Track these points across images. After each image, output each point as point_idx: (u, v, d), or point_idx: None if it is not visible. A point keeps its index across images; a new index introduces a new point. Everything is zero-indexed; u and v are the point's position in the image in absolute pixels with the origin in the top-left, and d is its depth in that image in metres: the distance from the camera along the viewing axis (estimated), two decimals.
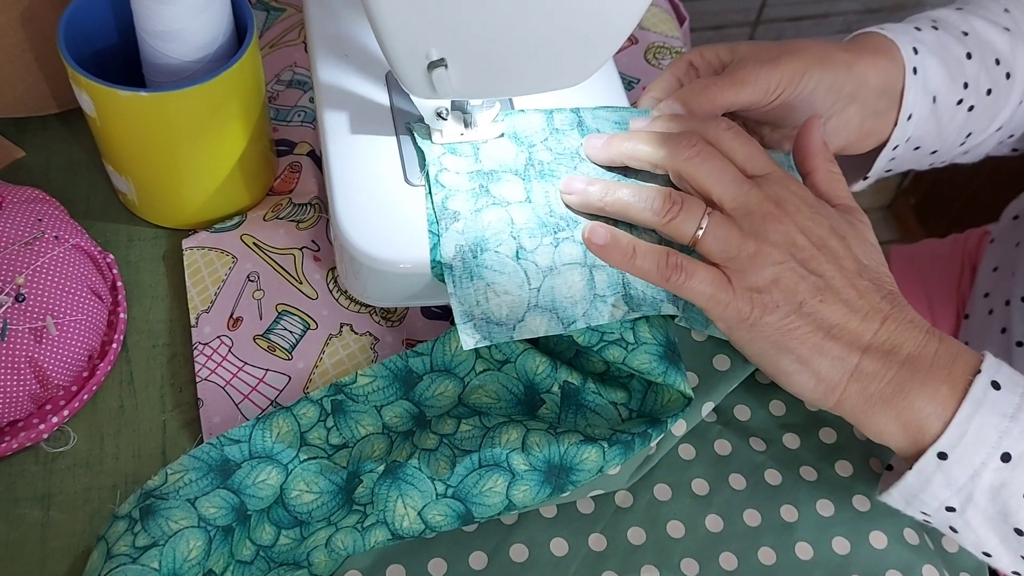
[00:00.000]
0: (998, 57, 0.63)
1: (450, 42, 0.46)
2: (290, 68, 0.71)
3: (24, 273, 0.51)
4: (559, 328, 0.48)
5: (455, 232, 0.49)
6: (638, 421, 0.51)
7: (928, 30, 0.63)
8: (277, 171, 0.64)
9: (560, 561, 0.50)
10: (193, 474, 0.48)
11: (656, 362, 0.49)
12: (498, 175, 0.52)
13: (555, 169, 0.53)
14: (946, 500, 0.46)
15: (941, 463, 0.45)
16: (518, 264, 0.49)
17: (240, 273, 0.58)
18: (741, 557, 0.51)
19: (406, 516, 0.48)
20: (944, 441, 0.45)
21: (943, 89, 0.62)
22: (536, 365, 0.51)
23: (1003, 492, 0.45)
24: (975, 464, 0.45)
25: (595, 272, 0.49)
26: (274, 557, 0.49)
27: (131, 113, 0.52)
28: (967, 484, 0.45)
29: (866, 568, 0.51)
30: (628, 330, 0.49)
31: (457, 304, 0.48)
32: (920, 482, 0.47)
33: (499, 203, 0.51)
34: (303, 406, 0.51)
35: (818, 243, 0.48)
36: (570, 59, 0.49)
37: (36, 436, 0.51)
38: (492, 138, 0.54)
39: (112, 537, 0.47)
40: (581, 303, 0.48)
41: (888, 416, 0.46)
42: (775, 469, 0.54)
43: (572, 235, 0.50)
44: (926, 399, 0.46)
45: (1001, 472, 0.45)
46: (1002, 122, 0.66)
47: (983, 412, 0.45)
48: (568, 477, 0.48)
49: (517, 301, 0.48)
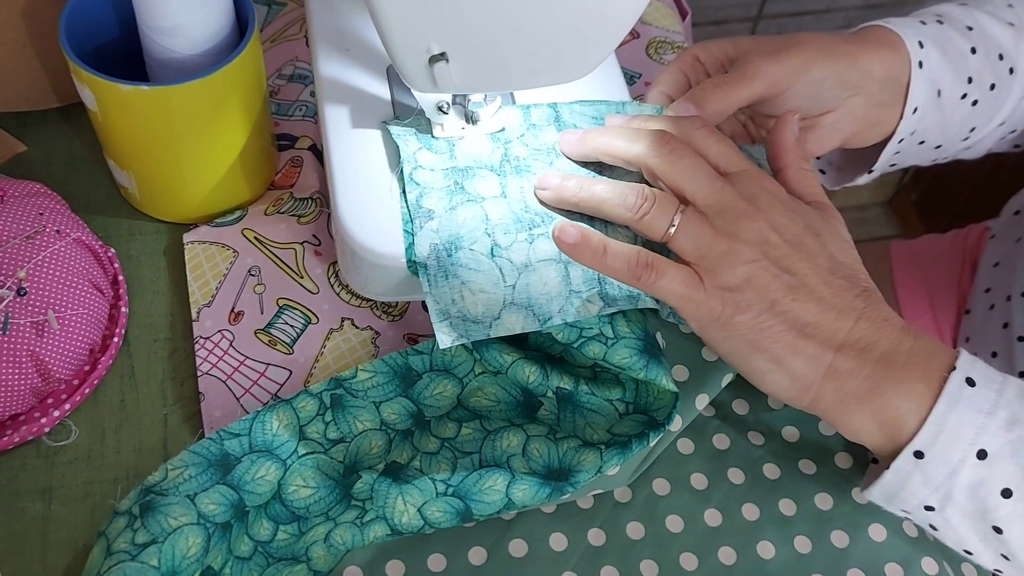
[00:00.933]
0: (1002, 52, 0.63)
1: (451, 36, 0.46)
2: (291, 62, 0.71)
3: (26, 267, 0.51)
4: (535, 325, 0.48)
5: (429, 231, 0.49)
6: (635, 421, 0.51)
7: (933, 24, 0.63)
8: (278, 165, 0.64)
9: (559, 556, 0.50)
10: (193, 470, 0.48)
11: (636, 356, 0.48)
12: (473, 171, 0.52)
13: (531, 165, 0.53)
14: (925, 499, 0.46)
15: (918, 462, 0.45)
16: (493, 261, 0.49)
17: (241, 267, 0.58)
18: (740, 551, 0.51)
19: (405, 512, 0.48)
20: (920, 439, 0.45)
21: (948, 83, 0.62)
22: (527, 375, 0.51)
23: (981, 490, 0.45)
24: (952, 462, 0.45)
25: (570, 268, 0.49)
26: (272, 552, 0.49)
27: (132, 107, 0.52)
28: (945, 482, 0.45)
29: (865, 561, 0.51)
30: (606, 324, 0.49)
31: (433, 303, 0.48)
32: (898, 481, 0.46)
33: (474, 200, 0.51)
34: (302, 399, 0.52)
35: (792, 241, 0.47)
36: (572, 53, 0.49)
37: (37, 430, 0.51)
38: (491, 132, 0.54)
39: (112, 533, 0.47)
40: (557, 299, 0.48)
41: (864, 415, 0.46)
42: (773, 463, 0.54)
43: (547, 231, 0.50)
44: (902, 397, 0.45)
45: (978, 469, 0.45)
46: (1004, 117, 0.66)
47: (959, 409, 0.45)
48: (568, 479, 0.49)
49: (493, 299, 0.48)
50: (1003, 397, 0.45)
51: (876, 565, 0.51)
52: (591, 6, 0.46)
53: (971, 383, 0.45)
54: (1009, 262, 0.79)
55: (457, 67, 0.47)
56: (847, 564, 0.51)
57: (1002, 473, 0.44)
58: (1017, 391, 0.46)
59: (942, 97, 0.62)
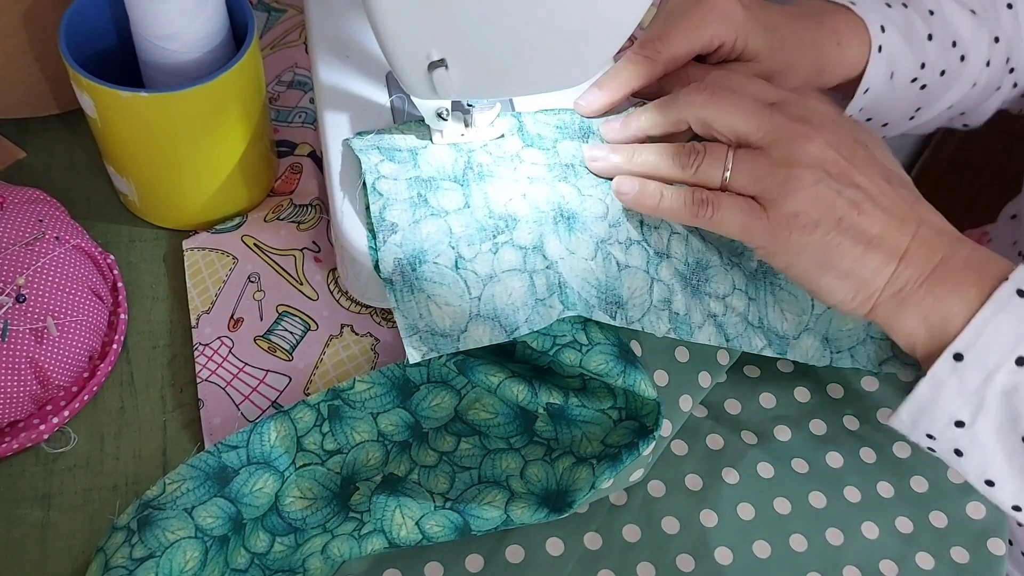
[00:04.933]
0: (956, 39, 0.64)
1: (450, 43, 0.46)
2: (291, 69, 0.71)
3: (25, 274, 0.51)
4: (503, 336, 0.47)
5: (393, 245, 0.49)
6: (628, 429, 0.51)
7: (898, 7, 0.63)
8: (278, 172, 0.64)
9: (556, 561, 0.50)
10: (191, 483, 0.48)
11: (613, 362, 0.48)
12: (436, 183, 0.51)
13: (494, 171, 0.52)
14: (956, 412, 0.46)
15: (956, 365, 0.45)
16: (457, 274, 0.48)
17: (241, 274, 0.58)
18: (736, 551, 0.51)
19: (404, 526, 0.48)
20: (961, 341, 0.45)
21: (902, 67, 0.62)
22: (516, 393, 0.51)
23: (1015, 396, 0.45)
24: (989, 366, 0.45)
25: (535, 277, 0.49)
26: (269, 564, 0.49)
27: (132, 114, 0.52)
28: (980, 388, 0.45)
29: (860, 559, 0.52)
30: (579, 331, 0.49)
31: (401, 318, 0.48)
32: (933, 391, 0.46)
33: (437, 214, 0.50)
34: (300, 410, 0.52)
35: (847, 155, 0.48)
36: (571, 59, 0.49)
37: (37, 436, 0.51)
38: (492, 139, 0.54)
39: (110, 549, 0.47)
40: (523, 309, 0.48)
41: (917, 317, 0.47)
42: (767, 462, 0.54)
43: (511, 238, 0.50)
44: (954, 300, 0.46)
45: (1014, 375, 0.44)
46: (952, 101, 0.67)
47: (1003, 316, 0.45)
48: (565, 499, 0.49)
49: (459, 311, 0.48)
50: None
51: (871, 562, 0.52)
52: (590, 12, 0.46)
53: (1021, 294, 0.45)
54: None
55: (456, 73, 0.47)
56: (843, 562, 0.51)
57: None
58: None
59: (894, 79, 0.62)
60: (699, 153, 0.49)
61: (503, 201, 0.51)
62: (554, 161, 0.53)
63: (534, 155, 0.53)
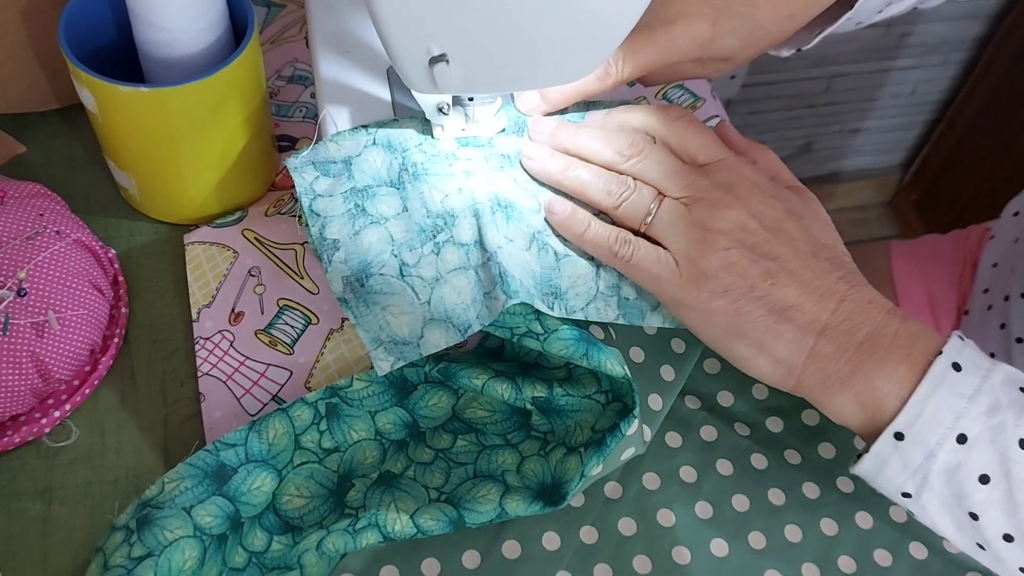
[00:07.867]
0: None
1: (451, 37, 0.46)
2: (291, 64, 0.71)
3: (26, 268, 0.51)
4: (458, 336, 0.47)
5: (339, 264, 0.49)
6: (612, 412, 0.51)
7: None
8: (278, 167, 0.64)
9: (552, 555, 0.50)
10: (189, 482, 0.48)
11: (574, 344, 0.48)
12: (372, 190, 0.51)
13: (429, 168, 0.52)
14: (902, 485, 0.46)
15: (897, 444, 0.45)
16: (404, 282, 0.48)
17: (241, 268, 0.58)
18: (731, 542, 0.52)
19: (398, 520, 0.48)
20: (900, 420, 0.45)
21: None
22: (501, 392, 0.51)
23: (958, 474, 0.44)
24: (930, 445, 0.44)
25: (479, 271, 0.49)
26: (266, 563, 0.49)
27: (132, 109, 0.52)
28: (923, 465, 0.45)
29: (854, 548, 0.52)
30: (534, 321, 0.49)
31: (363, 333, 0.48)
32: (877, 465, 0.46)
33: (376, 221, 0.50)
34: (298, 408, 0.52)
35: (771, 226, 0.48)
36: (571, 55, 0.49)
37: (38, 430, 0.51)
38: (493, 134, 0.54)
39: (109, 549, 0.47)
40: (473, 306, 0.48)
41: (846, 396, 0.46)
42: (760, 453, 0.55)
43: (452, 236, 0.49)
44: (884, 379, 0.45)
45: (956, 453, 0.44)
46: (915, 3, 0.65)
47: (941, 392, 0.44)
48: (559, 491, 0.49)
49: (414, 319, 0.48)
50: (987, 383, 0.45)
51: (865, 552, 0.52)
52: (591, 8, 0.46)
53: (957, 368, 0.45)
54: (1008, 263, 0.79)
55: (457, 68, 0.47)
56: (837, 551, 0.52)
57: (980, 458, 0.44)
58: (1004, 378, 0.45)
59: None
60: (630, 189, 0.49)
61: (439, 198, 0.51)
62: (490, 153, 0.53)
63: (469, 151, 0.53)
